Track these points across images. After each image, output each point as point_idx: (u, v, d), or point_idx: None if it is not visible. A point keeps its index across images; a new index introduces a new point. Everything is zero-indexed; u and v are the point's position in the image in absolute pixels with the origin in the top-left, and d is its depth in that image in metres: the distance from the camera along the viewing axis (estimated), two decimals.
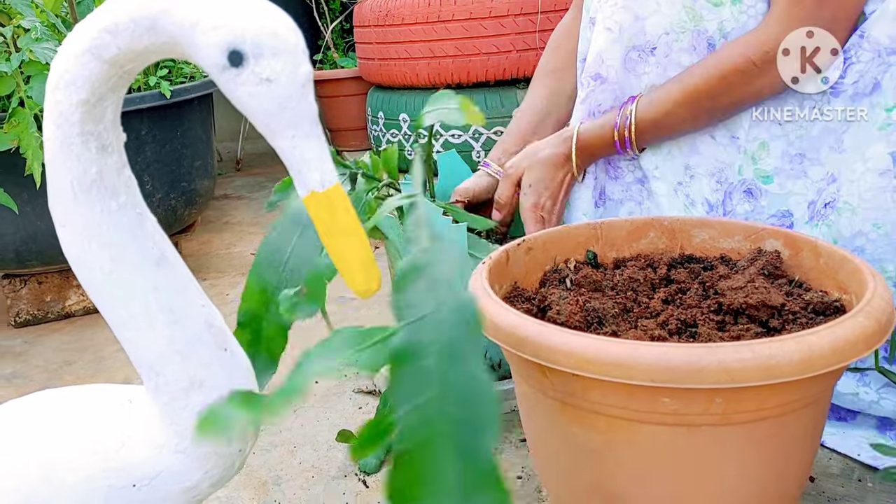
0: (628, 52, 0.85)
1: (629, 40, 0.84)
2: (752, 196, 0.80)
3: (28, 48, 1.03)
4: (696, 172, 0.84)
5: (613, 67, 0.86)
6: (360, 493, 0.79)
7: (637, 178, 0.90)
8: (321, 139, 0.34)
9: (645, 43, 0.84)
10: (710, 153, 0.83)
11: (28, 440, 0.39)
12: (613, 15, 0.85)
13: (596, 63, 0.87)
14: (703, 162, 0.84)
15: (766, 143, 0.79)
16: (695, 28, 0.80)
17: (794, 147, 0.78)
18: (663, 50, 0.83)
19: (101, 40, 0.33)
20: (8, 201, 1.16)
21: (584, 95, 0.90)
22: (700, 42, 0.81)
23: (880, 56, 0.72)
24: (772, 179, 0.79)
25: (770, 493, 0.56)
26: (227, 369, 0.39)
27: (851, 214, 0.74)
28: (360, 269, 0.35)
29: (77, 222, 0.36)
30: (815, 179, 0.78)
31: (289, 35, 0.33)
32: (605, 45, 0.86)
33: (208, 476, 0.39)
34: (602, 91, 0.88)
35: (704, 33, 0.80)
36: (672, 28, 0.82)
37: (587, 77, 0.89)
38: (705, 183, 0.84)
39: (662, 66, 0.83)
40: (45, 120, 0.35)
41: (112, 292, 0.37)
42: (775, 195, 0.79)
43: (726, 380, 0.48)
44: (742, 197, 0.81)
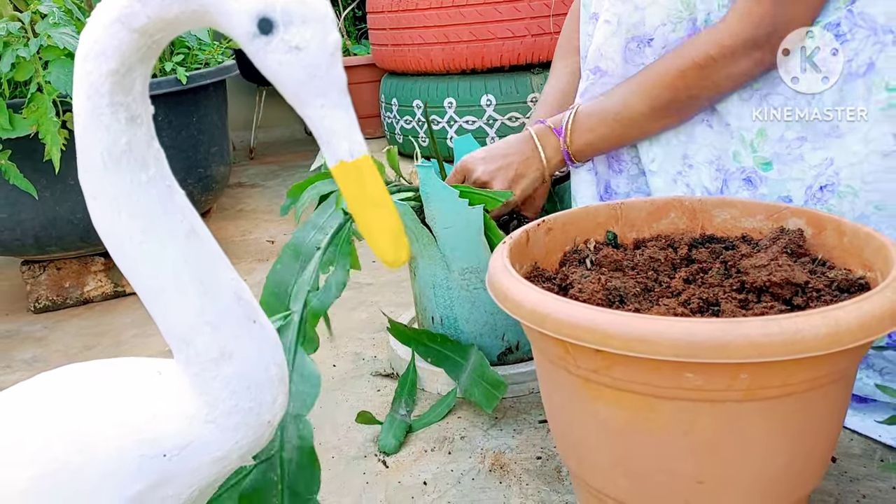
0: (627, 43, 0.85)
1: (628, 31, 0.84)
2: (751, 184, 0.80)
3: (46, 33, 1.03)
4: (695, 161, 0.84)
5: (613, 60, 0.86)
6: (380, 472, 0.79)
7: (641, 171, 0.90)
8: (350, 109, 0.34)
9: (643, 34, 0.84)
10: (708, 141, 0.83)
11: (61, 410, 0.39)
12: (612, 7, 0.85)
13: (595, 57, 0.88)
14: (701, 150, 0.84)
15: (764, 130, 0.79)
16: (689, 17, 0.81)
17: (793, 130, 0.77)
18: (660, 41, 0.83)
19: (131, 9, 0.33)
20: (28, 187, 1.17)
21: (582, 89, 0.90)
22: (695, 31, 0.81)
23: (875, 34, 0.71)
24: (771, 166, 0.78)
25: (795, 471, 0.55)
26: (257, 341, 0.39)
27: (853, 198, 0.73)
28: (389, 239, 0.35)
29: (108, 193, 0.36)
30: (812, 164, 0.77)
31: (318, 3, 0.33)
32: (603, 39, 0.86)
33: (238, 446, 0.39)
34: (602, 84, 0.88)
35: (695, 21, 0.81)
36: (669, 18, 0.82)
37: (587, 70, 0.90)
38: (704, 171, 0.84)
39: (659, 55, 0.83)
40: (75, 91, 0.35)
41: (143, 264, 0.37)
42: (775, 181, 0.78)
43: (752, 354, 0.47)
44: (741, 185, 0.81)
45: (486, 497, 0.74)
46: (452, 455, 0.82)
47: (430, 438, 0.85)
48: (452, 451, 0.82)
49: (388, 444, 0.83)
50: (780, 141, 0.77)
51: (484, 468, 0.79)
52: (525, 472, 0.77)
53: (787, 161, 0.77)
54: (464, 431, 0.86)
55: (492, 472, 0.78)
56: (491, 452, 0.81)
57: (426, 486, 0.77)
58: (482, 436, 0.85)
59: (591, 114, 0.87)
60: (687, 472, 0.54)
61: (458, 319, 0.93)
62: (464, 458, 0.81)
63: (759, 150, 0.79)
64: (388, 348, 1.06)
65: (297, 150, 2.79)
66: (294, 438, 0.50)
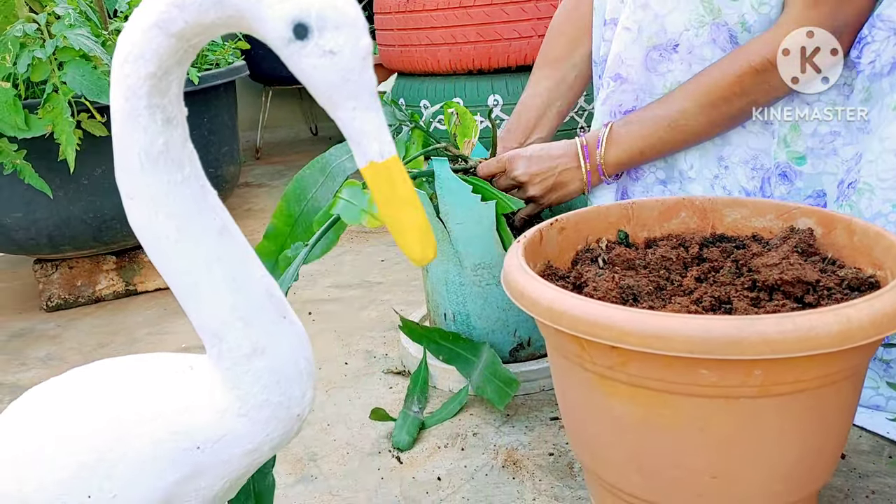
0: (648, 52, 0.85)
1: (649, 40, 0.85)
2: (787, 179, 0.81)
3: (62, 34, 1.05)
4: (731, 163, 0.85)
5: (633, 67, 0.87)
6: (395, 468, 0.81)
7: (659, 180, 0.91)
8: (380, 111, 0.35)
9: (666, 41, 0.84)
10: (742, 141, 0.84)
11: (98, 404, 0.40)
12: (633, 14, 0.86)
13: (616, 63, 0.88)
14: (736, 151, 0.84)
15: (798, 126, 0.80)
16: (713, 21, 0.81)
17: (826, 125, 0.78)
18: (686, 46, 0.83)
19: (169, 14, 0.34)
20: (42, 186, 1.18)
21: (604, 96, 0.91)
22: (720, 34, 0.81)
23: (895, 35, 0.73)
24: (805, 160, 0.80)
25: (807, 466, 0.56)
26: (287, 336, 0.40)
27: (870, 195, 0.74)
28: (417, 238, 0.36)
29: (144, 193, 0.37)
30: (844, 158, 0.78)
31: (350, 9, 0.34)
32: (623, 46, 0.87)
33: (269, 439, 0.41)
34: (622, 91, 0.89)
35: (724, 26, 0.81)
36: (691, 24, 0.82)
37: (607, 78, 0.90)
38: (740, 172, 0.84)
39: (687, 62, 0.84)
40: (113, 94, 0.36)
41: (178, 261, 0.38)
42: (809, 175, 0.80)
43: (766, 351, 0.48)
44: (778, 181, 0.82)
45: (499, 492, 0.75)
46: (465, 451, 0.83)
47: (442, 435, 0.86)
48: (465, 447, 0.83)
49: (401, 441, 0.84)
50: (814, 136, 0.79)
51: (497, 464, 0.80)
52: (538, 468, 0.78)
53: (820, 155, 0.79)
54: (476, 428, 0.87)
55: (505, 468, 0.79)
56: (504, 449, 0.82)
57: (440, 481, 0.78)
58: (494, 432, 0.86)
59: (638, 121, 0.86)
60: (701, 467, 0.55)
61: (470, 316, 0.94)
62: (477, 455, 0.82)
63: (793, 144, 0.80)
64: (399, 346, 1.07)
65: (303, 150, 2.81)
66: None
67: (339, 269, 1.48)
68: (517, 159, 0.91)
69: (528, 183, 0.91)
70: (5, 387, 1.12)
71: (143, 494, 0.40)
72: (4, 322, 1.39)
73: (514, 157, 0.92)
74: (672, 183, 0.89)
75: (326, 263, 1.53)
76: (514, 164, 0.91)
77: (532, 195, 0.92)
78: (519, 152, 0.92)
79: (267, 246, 0.80)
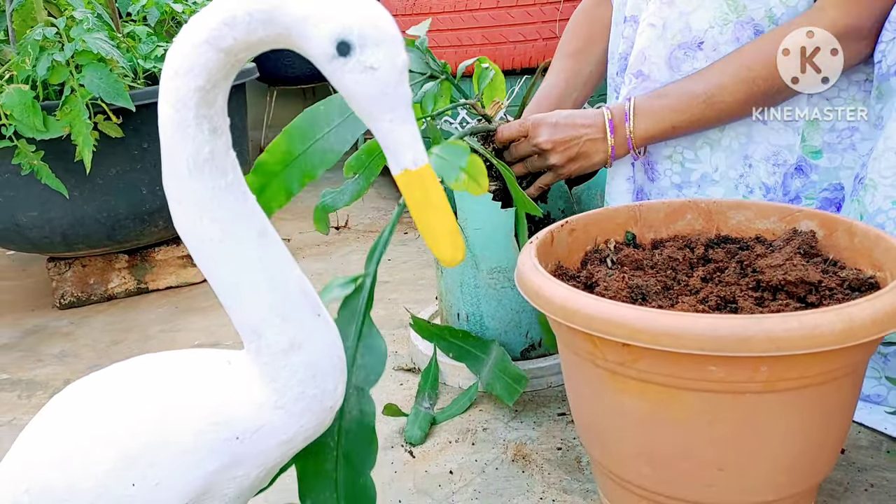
0: (672, 50, 0.86)
1: (673, 38, 0.85)
2: (802, 172, 0.83)
3: (81, 38, 1.07)
4: (754, 160, 0.86)
5: (657, 65, 0.87)
6: (408, 462, 0.83)
7: (674, 184, 0.90)
8: (414, 122, 0.38)
9: (691, 39, 0.85)
10: (764, 138, 0.85)
11: (141, 397, 0.43)
12: (659, 11, 0.86)
13: (639, 60, 0.88)
14: (759, 148, 0.85)
15: (816, 121, 0.82)
16: (737, 19, 0.82)
17: (845, 120, 0.80)
18: (710, 44, 0.84)
19: (219, 32, 0.36)
20: (59, 186, 1.20)
21: (626, 92, 0.90)
22: (744, 32, 0.82)
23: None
24: (821, 154, 0.82)
25: (809, 459, 0.59)
26: (322, 332, 0.43)
27: (874, 191, 0.76)
28: (448, 241, 0.38)
29: (190, 198, 0.40)
30: (861, 153, 0.80)
31: (389, 26, 0.36)
32: (647, 42, 0.87)
33: (303, 430, 0.43)
34: (643, 88, 0.89)
35: (750, 22, 0.82)
36: (716, 21, 0.83)
37: (629, 75, 0.90)
38: (762, 168, 0.86)
39: (711, 59, 0.84)
40: (162, 104, 0.39)
41: (221, 262, 0.41)
42: (825, 169, 0.81)
43: (772, 348, 0.51)
44: (793, 174, 0.84)
45: (509, 486, 0.78)
46: (476, 446, 0.85)
47: (453, 430, 0.88)
48: (476, 441, 0.86)
49: (414, 436, 0.86)
50: (832, 131, 0.81)
51: (507, 458, 0.82)
52: (546, 461, 0.81)
53: (838, 150, 0.80)
54: (486, 423, 0.89)
55: (514, 462, 0.81)
56: (513, 443, 0.85)
57: (452, 474, 0.80)
58: (504, 427, 0.88)
59: (672, 96, 0.85)
60: (708, 459, 0.58)
61: (483, 316, 0.96)
62: (487, 449, 0.84)
63: (809, 139, 0.81)
64: (408, 344, 1.10)
65: None
66: (354, 410, 0.51)
67: (346, 269, 1.51)
68: (541, 125, 0.89)
69: (550, 151, 0.88)
70: (23, 382, 1.14)
71: (185, 482, 0.42)
72: (18, 319, 1.41)
73: (538, 122, 0.89)
74: (688, 188, 0.89)
75: (333, 262, 1.55)
76: (537, 130, 0.89)
77: (553, 163, 0.89)
78: (544, 117, 0.89)
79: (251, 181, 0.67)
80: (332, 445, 0.50)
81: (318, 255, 1.60)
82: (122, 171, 1.30)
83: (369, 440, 0.52)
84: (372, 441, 0.52)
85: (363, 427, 0.51)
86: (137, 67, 1.31)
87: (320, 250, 1.64)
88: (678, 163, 0.90)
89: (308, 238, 1.74)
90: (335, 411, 0.44)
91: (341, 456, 0.50)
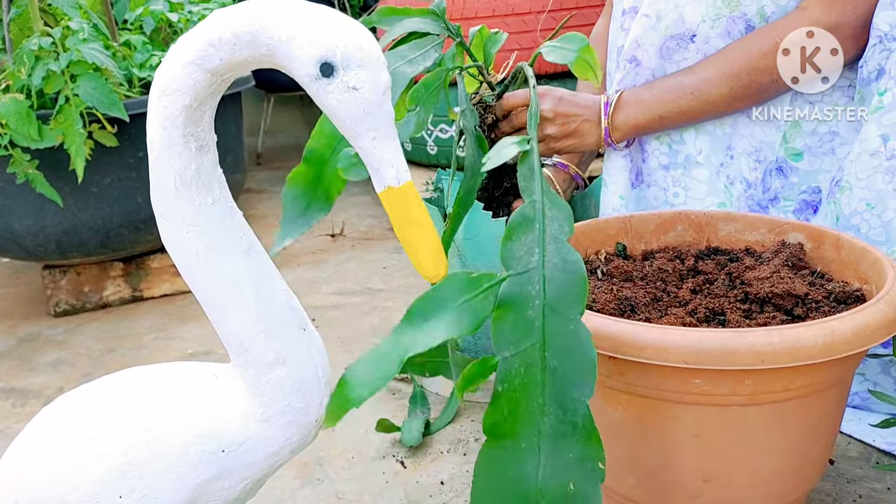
0: (665, 41, 0.88)
1: (666, 29, 0.87)
2: (782, 173, 0.84)
3: (76, 48, 1.08)
4: (736, 152, 0.88)
5: (649, 53, 0.89)
6: (399, 472, 0.83)
7: (662, 165, 0.92)
8: (397, 140, 0.38)
9: (684, 31, 0.87)
10: (748, 132, 0.87)
11: (129, 410, 0.43)
12: (654, 2, 0.88)
13: (633, 47, 0.90)
14: (742, 142, 0.87)
15: (799, 123, 0.83)
16: (730, 14, 0.84)
17: (826, 125, 0.81)
18: (702, 37, 0.86)
19: (206, 53, 0.37)
20: (53, 195, 1.21)
21: (619, 78, 0.93)
22: (735, 27, 0.84)
23: (882, 42, 0.76)
24: (802, 157, 0.83)
25: (794, 470, 0.59)
26: (307, 347, 0.43)
27: (850, 193, 0.77)
28: (430, 257, 0.39)
29: (177, 214, 0.40)
30: (840, 157, 0.81)
31: (372, 48, 0.37)
32: (641, 31, 0.89)
33: (289, 443, 0.43)
34: (636, 74, 0.91)
35: (742, 17, 0.84)
36: (708, 15, 0.85)
37: (623, 61, 0.92)
38: (744, 162, 0.87)
39: (703, 52, 0.86)
40: (151, 123, 0.39)
41: (207, 276, 0.41)
42: (805, 172, 0.83)
43: (756, 362, 0.51)
44: (774, 174, 0.85)
45: None
46: (468, 456, 0.85)
47: (445, 441, 0.89)
48: (468, 452, 0.86)
49: (411, 438, 0.86)
50: (813, 134, 0.82)
51: None
52: None
53: (818, 154, 0.82)
54: (478, 434, 0.90)
55: None
56: None
57: (443, 485, 0.80)
58: None
59: (661, 87, 0.88)
60: (694, 470, 0.58)
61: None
62: None
63: (791, 141, 0.83)
64: None
65: None
66: (555, 258, 0.47)
67: (341, 277, 1.51)
68: (547, 95, 0.91)
69: (549, 120, 0.91)
70: (16, 391, 1.15)
71: (171, 495, 0.43)
72: (12, 327, 1.41)
73: (545, 91, 0.92)
74: (675, 168, 0.91)
75: (328, 270, 1.55)
76: (543, 98, 0.91)
77: (549, 133, 0.92)
78: (551, 89, 0.92)
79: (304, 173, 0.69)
80: (532, 294, 0.46)
81: (312, 263, 1.61)
82: (118, 180, 1.30)
83: (578, 286, 0.46)
84: (581, 284, 0.47)
85: (567, 272, 0.46)
86: (133, 76, 1.31)
87: (315, 258, 1.64)
88: (665, 143, 0.92)
89: (302, 246, 1.74)
90: (320, 425, 0.45)
91: (546, 305, 0.45)
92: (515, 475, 0.43)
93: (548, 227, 0.49)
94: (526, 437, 0.43)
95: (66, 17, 1.14)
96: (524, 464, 0.43)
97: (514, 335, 0.44)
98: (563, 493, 0.43)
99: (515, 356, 0.44)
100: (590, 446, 0.43)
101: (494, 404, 0.43)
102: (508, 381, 0.43)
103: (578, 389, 0.43)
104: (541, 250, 0.47)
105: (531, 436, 0.43)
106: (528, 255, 0.47)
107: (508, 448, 0.43)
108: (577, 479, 0.43)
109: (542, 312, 0.45)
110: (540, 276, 0.46)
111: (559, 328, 0.45)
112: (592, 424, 0.43)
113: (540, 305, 0.45)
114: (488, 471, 0.44)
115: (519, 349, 0.44)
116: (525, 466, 0.43)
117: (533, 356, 0.44)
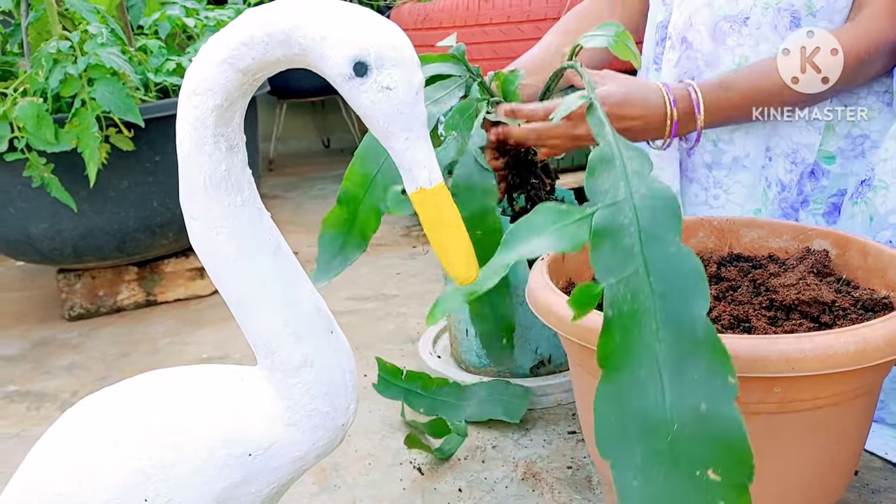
0: (718, 21, 0.85)
1: (720, 8, 0.85)
2: (814, 176, 0.83)
3: (94, 52, 1.08)
4: (775, 154, 0.87)
5: (701, 34, 0.86)
6: (416, 479, 0.83)
7: (705, 163, 0.90)
8: (429, 141, 0.38)
9: (738, 13, 0.85)
10: (787, 133, 0.85)
11: (154, 413, 0.43)
12: None
13: (685, 26, 0.88)
14: (781, 143, 0.86)
15: (832, 126, 0.82)
16: (777, 5, 0.82)
17: (859, 128, 0.81)
18: (755, 21, 0.84)
19: (238, 52, 0.37)
20: (68, 199, 1.21)
21: (675, 59, 0.89)
22: (781, 19, 0.83)
23: None
24: (834, 160, 0.82)
25: (823, 480, 0.58)
26: (334, 349, 0.43)
27: (885, 192, 0.76)
28: (462, 259, 0.38)
29: (206, 215, 0.40)
30: (870, 161, 0.80)
31: (405, 48, 0.36)
32: (694, 8, 0.87)
33: (315, 447, 0.43)
34: (687, 58, 0.88)
35: (789, 9, 0.82)
36: (760, 1, 0.83)
37: (674, 40, 0.89)
38: (780, 164, 0.86)
39: (755, 38, 0.84)
40: (181, 123, 0.39)
41: (236, 278, 0.41)
42: (836, 175, 0.82)
43: (786, 369, 0.50)
44: (807, 178, 0.84)
45: None
46: (486, 464, 0.85)
47: (462, 448, 0.88)
48: (486, 459, 0.85)
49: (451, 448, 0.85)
50: (847, 137, 0.82)
51: (517, 476, 0.82)
52: (557, 480, 0.80)
53: (850, 157, 0.81)
54: (495, 441, 0.89)
55: (524, 481, 0.81)
56: (523, 462, 0.84)
57: (461, 492, 0.80)
58: (513, 446, 0.88)
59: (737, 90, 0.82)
60: None
61: None
62: (497, 467, 0.84)
63: (825, 143, 0.82)
64: (417, 358, 1.09)
65: (316, 162, 2.84)
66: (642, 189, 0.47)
67: (355, 282, 1.51)
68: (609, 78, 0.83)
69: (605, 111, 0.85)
70: (31, 395, 1.14)
71: (196, 499, 0.42)
72: (26, 331, 1.41)
73: (606, 74, 0.84)
74: (718, 168, 0.89)
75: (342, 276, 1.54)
76: (604, 79, 0.83)
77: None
78: (616, 74, 0.84)
79: (339, 214, 0.71)
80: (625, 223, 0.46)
81: None
82: (134, 184, 1.31)
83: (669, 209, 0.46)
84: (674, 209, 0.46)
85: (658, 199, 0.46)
86: (149, 81, 1.32)
87: None
88: (711, 140, 0.89)
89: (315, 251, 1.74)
90: (347, 429, 0.44)
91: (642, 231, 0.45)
92: (639, 406, 0.41)
93: (627, 164, 0.50)
94: (644, 364, 0.41)
95: (84, 21, 1.14)
96: (647, 393, 0.41)
97: (615, 261, 0.44)
98: (696, 416, 0.40)
99: (620, 282, 0.43)
100: (716, 360, 0.40)
101: (606, 333, 0.41)
102: (617, 306, 0.42)
103: (693, 306, 0.42)
104: (626, 183, 0.48)
105: (649, 363, 0.40)
106: (615, 189, 0.48)
107: (626, 380, 0.41)
108: (707, 397, 0.40)
109: (639, 239, 0.45)
110: (630, 206, 0.46)
111: (659, 252, 0.44)
112: (716, 337, 0.40)
113: (636, 233, 0.45)
114: (610, 407, 0.41)
115: (622, 275, 0.43)
116: (648, 396, 0.41)
117: (638, 283, 0.43)
